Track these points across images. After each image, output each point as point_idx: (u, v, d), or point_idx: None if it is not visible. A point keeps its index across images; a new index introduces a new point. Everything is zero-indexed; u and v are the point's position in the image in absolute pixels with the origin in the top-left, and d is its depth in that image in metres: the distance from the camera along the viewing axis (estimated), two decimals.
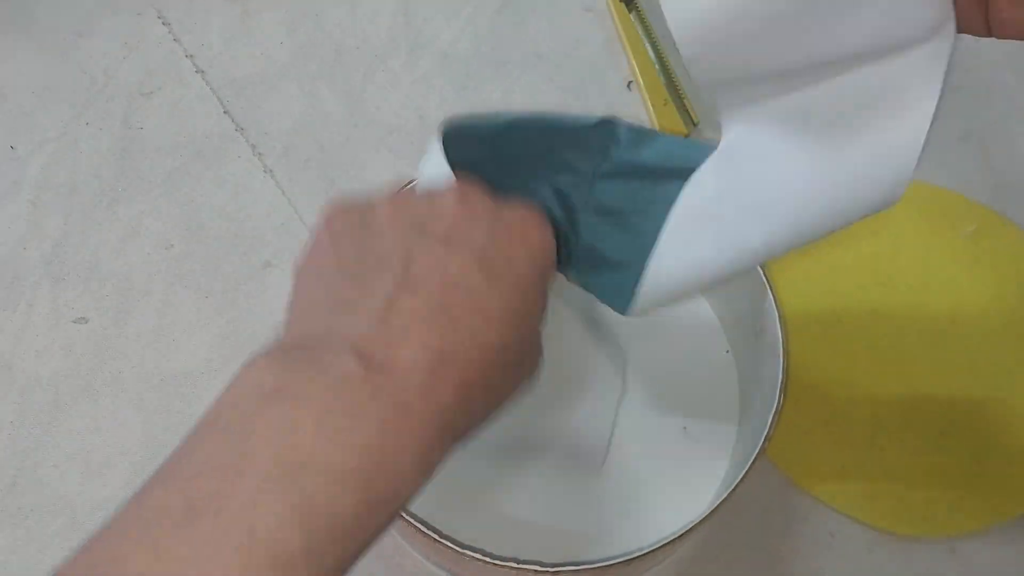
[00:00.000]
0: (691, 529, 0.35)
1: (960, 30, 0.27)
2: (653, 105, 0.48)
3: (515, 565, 0.36)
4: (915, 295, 0.45)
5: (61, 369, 0.46)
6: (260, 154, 0.49)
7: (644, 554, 0.35)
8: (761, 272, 0.40)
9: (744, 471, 0.36)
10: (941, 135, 0.47)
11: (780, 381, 0.38)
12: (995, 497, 0.43)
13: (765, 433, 0.37)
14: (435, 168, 0.33)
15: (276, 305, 0.46)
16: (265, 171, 0.49)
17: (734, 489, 0.36)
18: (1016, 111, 0.48)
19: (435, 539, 0.35)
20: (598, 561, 0.35)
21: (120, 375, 0.45)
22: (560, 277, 0.35)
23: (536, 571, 0.36)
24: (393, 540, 0.42)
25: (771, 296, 0.40)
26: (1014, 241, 0.45)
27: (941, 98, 0.28)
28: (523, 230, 0.31)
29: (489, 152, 0.33)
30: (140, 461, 0.44)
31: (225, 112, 0.50)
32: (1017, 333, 0.44)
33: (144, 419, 0.45)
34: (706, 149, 0.31)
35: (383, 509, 0.25)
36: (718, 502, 0.36)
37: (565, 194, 0.33)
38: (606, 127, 0.32)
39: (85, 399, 0.45)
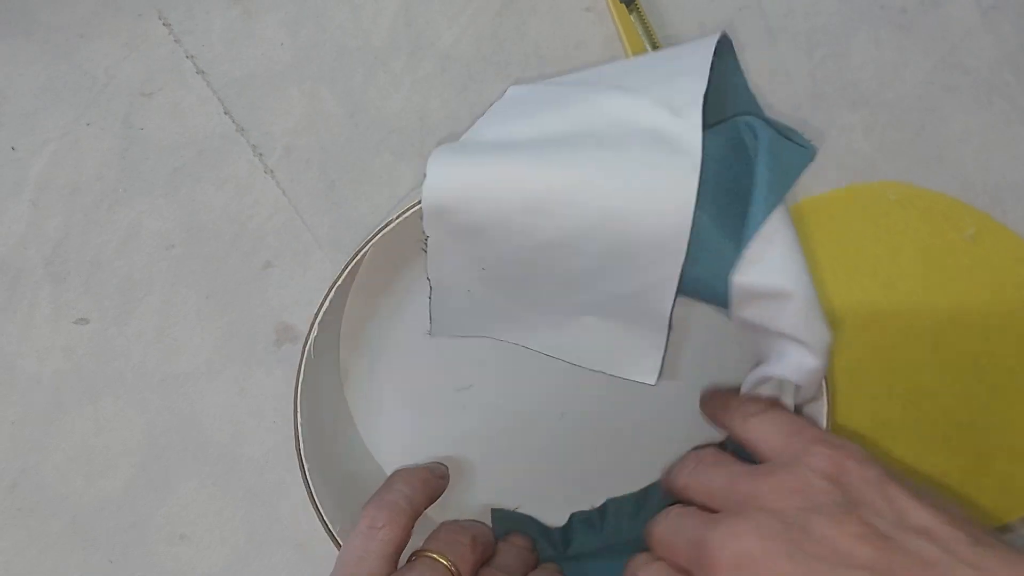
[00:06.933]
0: None
1: None
2: None
3: None
4: (915, 297, 0.45)
5: (62, 370, 0.46)
6: (261, 155, 0.49)
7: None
8: None
9: None
10: (941, 136, 0.48)
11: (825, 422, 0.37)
12: (999, 499, 0.43)
13: None
14: None
15: (277, 305, 0.46)
16: (266, 171, 0.49)
17: None
18: (1016, 111, 0.48)
19: None
20: None
21: (121, 376, 0.45)
22: None
23: None
24: None
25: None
26: (1013, 244, 0.45)
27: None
28: None
29: None
30: (141, 462, 0.44)
31: (226, 113, 0.50)
32: (1017, 335, 0.44)
33: (145, 420, 0.45)
34: None
35: None
36: None
37: None
38: None
39: (86, 400, 0.45)
